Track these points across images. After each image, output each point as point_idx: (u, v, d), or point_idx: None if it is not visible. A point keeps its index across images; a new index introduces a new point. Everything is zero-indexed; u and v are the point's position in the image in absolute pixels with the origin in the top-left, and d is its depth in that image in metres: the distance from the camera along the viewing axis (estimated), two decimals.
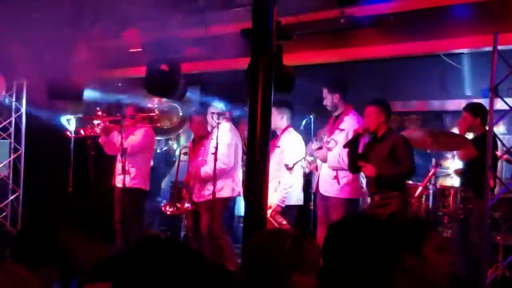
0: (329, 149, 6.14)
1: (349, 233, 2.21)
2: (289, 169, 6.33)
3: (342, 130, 6.20)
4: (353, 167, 5.85)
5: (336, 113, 6.34)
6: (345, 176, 6.12)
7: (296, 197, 6.61)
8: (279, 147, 6.55)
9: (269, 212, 6.33)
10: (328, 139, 6.18)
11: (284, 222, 6.37)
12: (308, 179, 6.96)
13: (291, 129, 6.69)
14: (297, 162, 6.34)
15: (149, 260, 1.76)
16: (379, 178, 5.61)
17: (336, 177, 6.14)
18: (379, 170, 5.61)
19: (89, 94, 7.47)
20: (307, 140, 6.83)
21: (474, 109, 6.00)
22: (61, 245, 2.68)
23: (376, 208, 5.63)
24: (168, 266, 1.74)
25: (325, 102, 6.32)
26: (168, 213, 7.30)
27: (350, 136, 6.02)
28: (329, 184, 6.19)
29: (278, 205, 6.42)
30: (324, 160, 6.24)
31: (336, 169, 6.14)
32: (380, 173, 5.59)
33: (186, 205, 6.99)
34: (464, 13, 6.10)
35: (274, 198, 6.38)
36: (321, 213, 6.29)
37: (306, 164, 6.62)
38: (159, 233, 6.85)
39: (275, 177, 6.44)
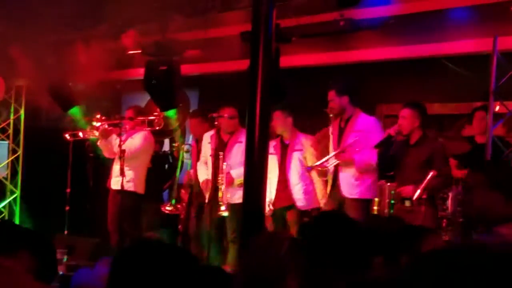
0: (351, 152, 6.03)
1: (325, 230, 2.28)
2: (309, 171, 6.26)
3: (359, 131, 6.01)
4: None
5: (344, 116, 6.14)
6: (369, 177, 6.01)
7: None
8: (298, 150, 6.49)
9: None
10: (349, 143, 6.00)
11: None
12: None
13: (298, 132, 6.62)
14: (317, 164, 6.14)
15: (140, 262, 1.77)
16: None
17: (360, 179, 5.99)
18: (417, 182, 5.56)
19: (75, 111, 7.51)
20: None
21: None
22: (33, 230, 2.69)
23: (405, 213, 5.55)
24: (159, 268, 1.75)
25: (331, 105, 6.12)
26: (166, 212, 7.31)
27: (370, 137, 5.93)
28: (352, 185, 6.01)
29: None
30: (346, 164, 6.04)
31: (363, 172, 6.00)
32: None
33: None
34: (463, 17, 6.10)
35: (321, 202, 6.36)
36: None
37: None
38: (155, 235, 6.81)
39: (301, 181, 6.45)
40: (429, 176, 5.66)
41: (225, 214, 6.50)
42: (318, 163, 6.13)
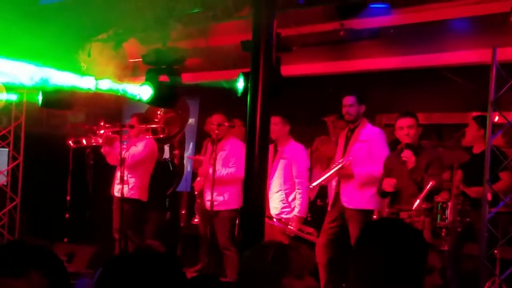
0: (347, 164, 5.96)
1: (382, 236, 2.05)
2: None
3: (363, 141, 5.95)
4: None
5: (352, 125, 6.07)
6: (371, 189, 5.90)
7: None
8: (285, 159, 6.49)
9: (290, 227, 6.28)
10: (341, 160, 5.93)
11: (311, 231, 6.25)
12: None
13: (292, 140, 6.58)
14: (319, 182, 6.11)
15: (125, 275, 1.78)
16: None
17: (360, 190, 5.92)
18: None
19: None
20: None
21: (481, 120, 5.89)
22: (43, 248, 2.69)
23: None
24: (145, 280, 1.77)
25: (349, 110, 5.96)
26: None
27: (374, 147, 5.92)
28: (352, 196, 5.94)
29: (298, 216, 6.32)
30: (348, 177, 5.96)
31: (365, 184, 5.92)
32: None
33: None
34: (463, 27, 6.13)
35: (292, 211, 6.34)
36: (334, 224, 6.04)
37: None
38: (157, 243, 6.80)
39: (282, 189, 6.42)
40: (428, 186, 5.66)
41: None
42: (317, 182, 6.12)
